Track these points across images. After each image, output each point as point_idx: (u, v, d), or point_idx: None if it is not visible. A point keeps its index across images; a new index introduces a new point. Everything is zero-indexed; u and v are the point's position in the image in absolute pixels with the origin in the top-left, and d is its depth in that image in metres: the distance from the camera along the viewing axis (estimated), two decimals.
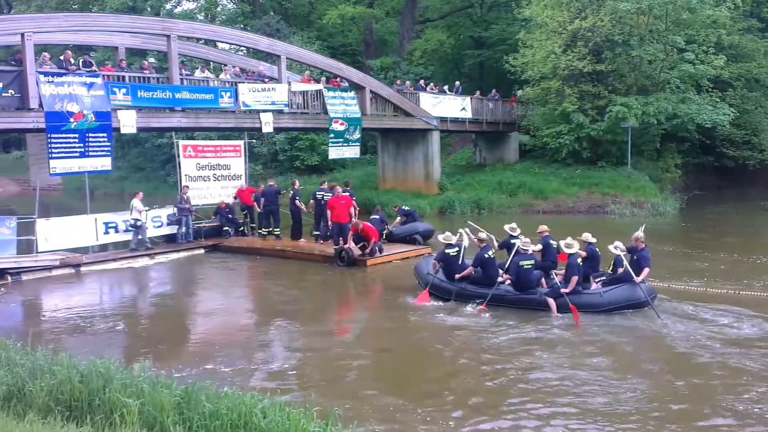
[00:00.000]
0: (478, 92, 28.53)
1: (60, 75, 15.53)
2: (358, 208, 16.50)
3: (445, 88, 27.67)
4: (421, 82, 27.67)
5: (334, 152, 22.35)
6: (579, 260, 10.69)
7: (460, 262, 11.60)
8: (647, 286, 10.71)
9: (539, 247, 11.54)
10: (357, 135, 22.37)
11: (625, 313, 10.39)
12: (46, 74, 15.30)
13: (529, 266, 10.86)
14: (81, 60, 17.30)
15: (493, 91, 29.26)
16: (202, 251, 17.43)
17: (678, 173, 28.51)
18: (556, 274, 10.99)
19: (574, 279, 10.48)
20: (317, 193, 16.99)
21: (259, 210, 17.95)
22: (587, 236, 11.41)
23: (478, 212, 23.48)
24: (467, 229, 12.40)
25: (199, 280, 14.98)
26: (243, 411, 5.37)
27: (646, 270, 10.61)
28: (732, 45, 27.33)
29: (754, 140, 28.86)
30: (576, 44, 25.19)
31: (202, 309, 12.45)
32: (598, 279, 11.12)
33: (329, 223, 15.83)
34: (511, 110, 29.28)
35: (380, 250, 15.11)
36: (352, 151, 22.76)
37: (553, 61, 25.20)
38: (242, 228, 18.63)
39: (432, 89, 26.79)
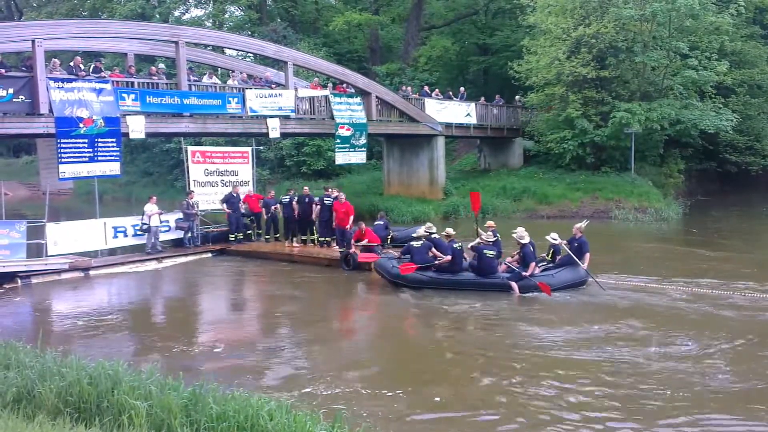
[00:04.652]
0: (482, 98, 28.67)
1: (70, 81, 15.71)
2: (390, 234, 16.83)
3: (450, 93, 27.85)
4: (426, 88, 27.83)
5: (341, 158, 22.51)
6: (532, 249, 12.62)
7: (423, 253, 12.93)
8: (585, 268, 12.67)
9: (491, 238, 12.94)
10: (363, 140, 22.52)
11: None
12: (56, 80, 15.48)
13: (491, 255, 12.52)
14: (90, 66, 17.50)
15: (497, 96, 29.39)
16: (209, 255, 17.60)
17: (681, 179, 28.60)
18: (511, 263, 12.68)
19: (532, 264, 12.34)
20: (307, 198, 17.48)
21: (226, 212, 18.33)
22: (521, 230, 12.80)
23: (482, 217, 23.53)
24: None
25: (207, 283, 15.13)
26: (250, 413, 5.43)
27: (588, 255, 12.61)
28: (735, 51, 27.43)
29: (757, 146, 28.97)
30: (580, 51, 25.28)
31: (209, 312, 12.64)
32: (539, 264, 12.87)
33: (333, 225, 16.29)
34: (514, 114, 29.39)
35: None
36: (359, 157, 22.92)
37: (557, 67, 25.28)
38: (249, 233, 18.82)
39: (437, 95, 26.96)
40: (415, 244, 13.09)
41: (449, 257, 12.63)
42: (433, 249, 12.88)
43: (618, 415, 6.88)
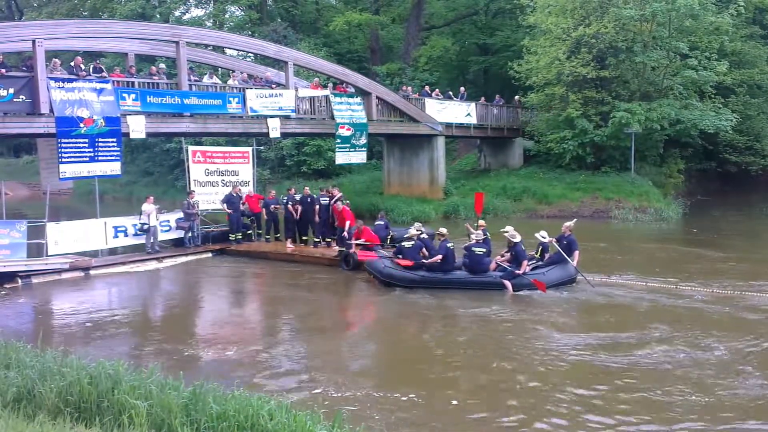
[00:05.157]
0: (482, 98, 28.68)
1: (70, 81, 15.73)
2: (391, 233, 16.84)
3: (450, 93, 27.86)
4: (426, 88, 27.85)
5: (341, 157, 22.53)
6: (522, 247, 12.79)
7: (414, 254, 13.13)
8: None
9: (481, 237, 13.28)
10: (363, 140, 22.53)
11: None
12: (56, 80, 15.50)
13: (481, 252, 12.77)
14: (91, 66, 17.52)
15: (497, 96, 29.40)
16: (209, 255, 17.61)
17: (681, 178, 28.62)
18: (501, 262, 12.83)
19: (524, 262, 12.55)
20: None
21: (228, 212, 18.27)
22: (511, 229, 13.11)
23: (482, 217, 23.56)
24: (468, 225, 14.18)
25: (207, 283, 15.15)
26: (250, 413, 5.44)
27: (577, 252, 12.81)
28: (734, 51, 27.48)
29: (757, 146, 28.97)
30: (580, 51, 25.30)
31: (209, 311, 12.64)
32: (530, 262, 12.94)
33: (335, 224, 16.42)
34: (514, 114, 29.41)
35: None
36: (359, 157, 22.94)
37: (557, 67, 25.31)
38: (249, 233, 18.83)
39: (437, 95, 26.98)
40: (406, 244, 13.34)
41: (438, 257, 12.81)
42: (423, 249, 13.08)
43: (647, 420, 6.86)
